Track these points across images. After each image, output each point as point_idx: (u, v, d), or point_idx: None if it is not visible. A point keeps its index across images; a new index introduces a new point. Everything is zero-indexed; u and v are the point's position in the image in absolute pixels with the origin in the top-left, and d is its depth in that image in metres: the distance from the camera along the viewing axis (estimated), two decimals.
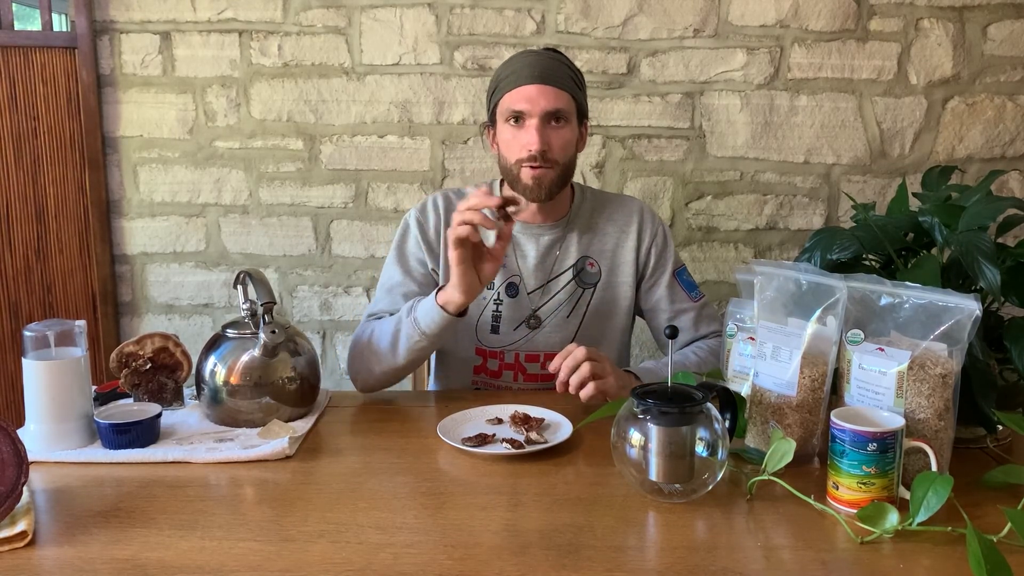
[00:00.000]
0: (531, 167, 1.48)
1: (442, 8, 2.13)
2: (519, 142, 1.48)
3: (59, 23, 2.25)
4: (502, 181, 1.63)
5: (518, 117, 1.47)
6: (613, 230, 1.62)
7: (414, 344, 1.40)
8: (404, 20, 2.14)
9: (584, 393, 1.30)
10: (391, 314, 1.51)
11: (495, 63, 2.14)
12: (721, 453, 1.03)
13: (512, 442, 1.21)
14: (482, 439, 1.22)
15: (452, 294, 1.35)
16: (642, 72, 2.14)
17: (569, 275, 1.59)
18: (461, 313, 1.38)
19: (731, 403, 1.12)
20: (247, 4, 2.15)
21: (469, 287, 1.35)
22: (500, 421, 1.31)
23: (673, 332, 1.09)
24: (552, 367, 1.33)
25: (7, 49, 2.15)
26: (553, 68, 1.48)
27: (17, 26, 2.17)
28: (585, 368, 1.30)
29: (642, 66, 2.14)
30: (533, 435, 1.23)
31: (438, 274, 1.58)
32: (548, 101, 1.46)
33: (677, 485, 1.03)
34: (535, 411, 1.32)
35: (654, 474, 1.03)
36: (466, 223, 1.30)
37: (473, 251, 1.34)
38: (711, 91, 2.15)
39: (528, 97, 1.46)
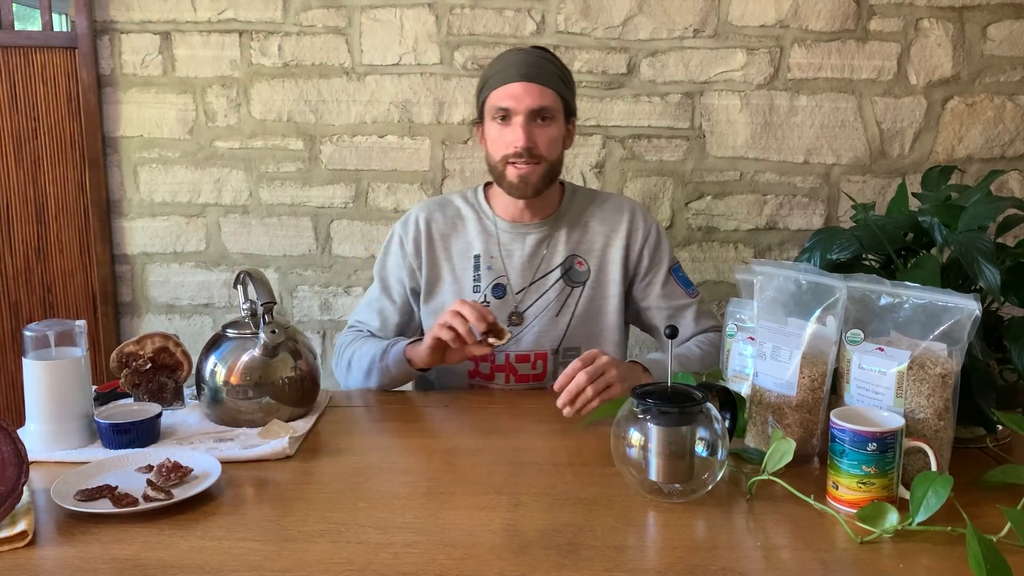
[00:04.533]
0: (516, 165, 1.50)
1: (442, 8, 2.13)
2: (505, 139, 1.50)
3: (59, 23, 2.24)
4: (487, 184, 1.65)
5: (505, 115, 1.49)
6: (602, 229, 1.61)
7: (386, 381, 1.52)
8: (404, 20, 2.14)
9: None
10: (371, 331, 1.63)
11: None
12: (721, 453, 1.04)
13: (124, 498, 1.03)
14: (99, 493, 1.04)
15: (417, 359, 1.46)
16: (642, 72, 2.14)
17: (557, 273, 1.59)
18: (424, 369, 1.49)
19: (731, 403, 1.12)
20: (247, 4, 2.14)
21: (430, 364, 1.45)
22: (150, 468, 1.11)
23: (673, 332, 1.09)
24: (556, 386, 1.30)
25: (7, 49, 2.15)
26: (540, 66, 1.50)
27: (17, 26, 2.17)
28: (588, 392, 1.27)
29: (642, 66, 2.14)
30: (150, 492, 1.04)
31: (418, 292, 1.62)
32: (533, 98, 1.48)
33: (677, 485, 1.03)
34: (190, 458, 1.12)
35: (654, 474, 1.03)
36: (450, 330, 1.36)
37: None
38: (711, 91, 2.15)
39: (514, 95, 1.48)
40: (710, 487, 1.05)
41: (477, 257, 1.60)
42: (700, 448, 1.03)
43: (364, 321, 1.66)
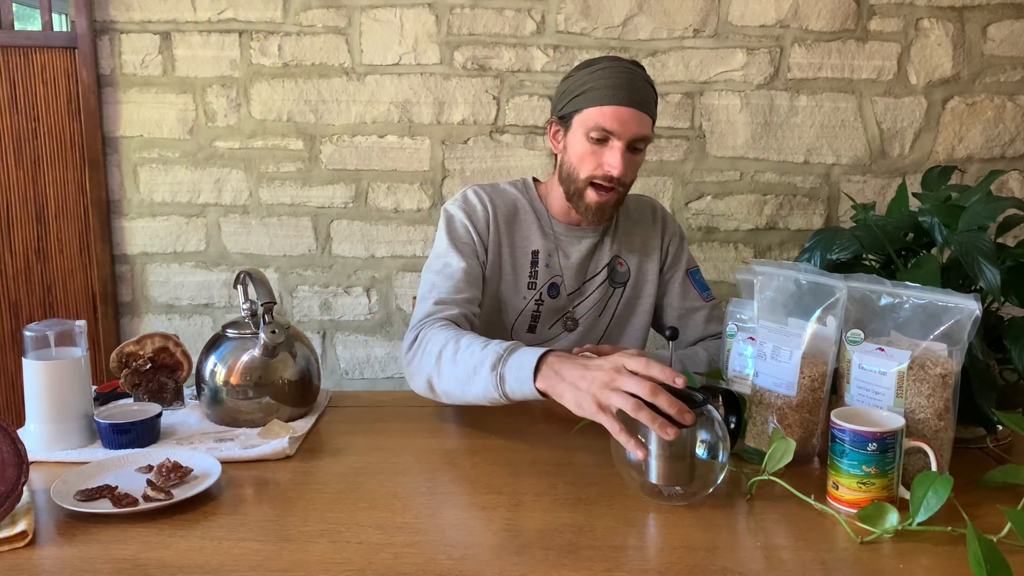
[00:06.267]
0: (599, 189, 1.45)
1: (442, 8, 2.13)
2: (597, 160, 1.44)
3: (59, 23, 2.25)
4: (535, 180, 1.60)
5: (605, 137, 1.43)
6: (638, 229, 1.62)
7: (489, 398, 1.21)
8: (404, 20, 2.14)
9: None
10: (460, 311, 1.40)
11: (495, 63, 2.14)
12: (722, 456, 1.03)
13: (124, 498, 1.03)
14: (99, 493, 1.04)
15: (553, 389, 1.11)
16: None
17: (603, 275, 1.59)
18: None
19: (736, 407, 1.12)
20: (247, 4, 2.15)
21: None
22: (150, 468, 1.10)
23: (674, 333, 1.09)
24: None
25: (7, 49, 2.15)
26: (643, 90, 1.45)
27: (17, 26, 2.17)
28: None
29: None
30: (150, 492, 1.03)
31: (486, 265, 1.52)
32: (639, 127, 1.43)
33: (677, 488, 1.03)
34: (190, 458, 1.12)
35: (654, 476, 1.03)
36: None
37: None
38: (711, 91, 2.15)
39: (621, 119, 1.41)
40: (710, 490, 1.04)
41: (535, 253, 1.55)
42: (701, 450, 1.03)
43: (448, 299, 1.41)
